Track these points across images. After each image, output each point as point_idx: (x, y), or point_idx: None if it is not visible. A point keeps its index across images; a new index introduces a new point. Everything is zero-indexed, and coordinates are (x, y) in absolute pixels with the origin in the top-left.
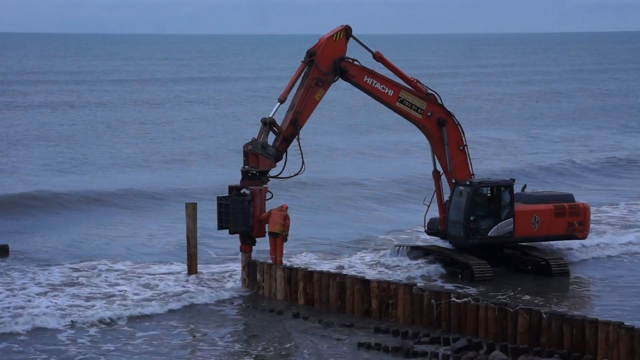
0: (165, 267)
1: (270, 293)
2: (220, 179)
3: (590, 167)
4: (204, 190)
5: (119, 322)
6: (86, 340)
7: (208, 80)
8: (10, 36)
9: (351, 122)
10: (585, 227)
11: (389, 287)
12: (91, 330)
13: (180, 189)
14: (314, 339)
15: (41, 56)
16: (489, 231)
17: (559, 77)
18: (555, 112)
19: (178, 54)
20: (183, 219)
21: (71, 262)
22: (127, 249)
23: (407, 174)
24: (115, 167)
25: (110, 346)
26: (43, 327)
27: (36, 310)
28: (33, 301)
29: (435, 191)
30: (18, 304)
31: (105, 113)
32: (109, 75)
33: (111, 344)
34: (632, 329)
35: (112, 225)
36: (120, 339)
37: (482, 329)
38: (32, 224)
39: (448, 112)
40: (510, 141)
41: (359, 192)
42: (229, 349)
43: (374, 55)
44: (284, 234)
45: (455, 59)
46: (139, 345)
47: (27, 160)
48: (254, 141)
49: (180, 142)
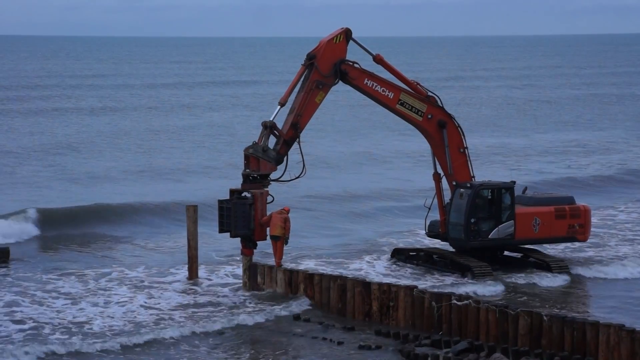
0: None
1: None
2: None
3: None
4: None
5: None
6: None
7: (245, 84)
8: (13, 39)
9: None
10: (586, 229)
11: (390, 290)
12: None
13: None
14: (314, 341)
15: (59, 59)
16: (490, 233)
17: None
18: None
19: (195, 57)
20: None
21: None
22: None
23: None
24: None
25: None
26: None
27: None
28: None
29: (435, 194)
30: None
31: (155, 118)
32: (142, 79)
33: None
34: (633, 331)
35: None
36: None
37: (482, 332)
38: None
39: (448, 115)
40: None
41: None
42: (229, 352)
43: (374, 58)
44: (284, 237)
45: (504, 61)
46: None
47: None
48: (254, 145)
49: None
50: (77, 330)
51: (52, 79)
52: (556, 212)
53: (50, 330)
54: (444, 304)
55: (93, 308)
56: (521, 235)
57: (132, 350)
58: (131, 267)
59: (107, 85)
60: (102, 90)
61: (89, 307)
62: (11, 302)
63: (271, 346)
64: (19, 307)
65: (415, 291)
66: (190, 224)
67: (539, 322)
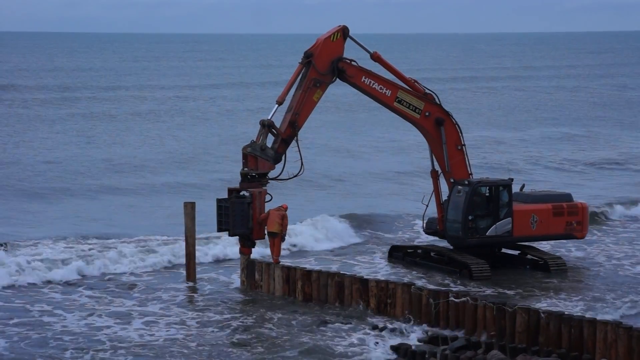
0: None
1: (269, 292)
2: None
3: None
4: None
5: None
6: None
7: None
8: (11, 35)
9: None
10: (584, 226)
11: (388, 287)
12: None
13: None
14: (311, 335)
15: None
16: (488, 230)
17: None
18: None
19: (222, 54)
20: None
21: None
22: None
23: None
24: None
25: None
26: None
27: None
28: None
29: (433, 191)
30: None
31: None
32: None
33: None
34: (631, 328)
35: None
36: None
37: (480, 328)
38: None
39: (446, 112)
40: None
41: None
42: (225, 347)
43: (372, 56)
44: (281, 234)
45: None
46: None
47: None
48: (252, 143)
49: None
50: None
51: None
52: (554, 209)
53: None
54: (441, 301)
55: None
56: (519, 232)
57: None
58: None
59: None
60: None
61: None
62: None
63: (265, 338)
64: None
65: (413, 288)
66: (188, 220)
67: (536, 319)
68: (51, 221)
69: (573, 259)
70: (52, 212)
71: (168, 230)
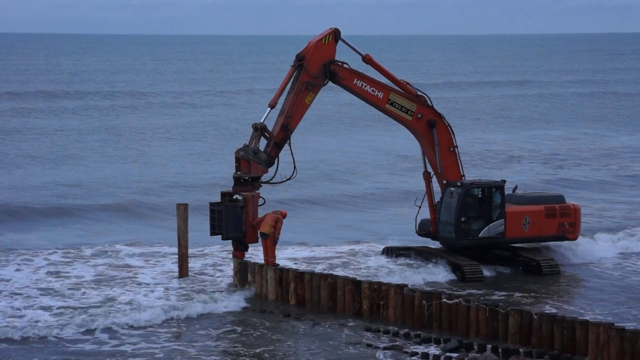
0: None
1: (262, 294)
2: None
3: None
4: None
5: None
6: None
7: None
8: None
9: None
10: (576, 228)
11: (380, 288)
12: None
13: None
14: (305, 338)
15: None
16: (480, 232)
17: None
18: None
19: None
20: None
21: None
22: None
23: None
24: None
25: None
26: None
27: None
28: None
29: (426, 192)
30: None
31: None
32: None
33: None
34: (623, 330)
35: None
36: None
37: (473, 330)
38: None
39: (438, 114)
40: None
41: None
42: (220, 349)
43: (364, 58)
44: (274, 236)
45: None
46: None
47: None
48: (245, 147)
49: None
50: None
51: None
52: (546, 210)
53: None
54: (434, 303)
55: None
56: (511, 234)
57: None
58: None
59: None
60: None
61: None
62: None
63: (261, 343)
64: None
65: (406, 290)
66: (181, 222)
67: (528, 321)
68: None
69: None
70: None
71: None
